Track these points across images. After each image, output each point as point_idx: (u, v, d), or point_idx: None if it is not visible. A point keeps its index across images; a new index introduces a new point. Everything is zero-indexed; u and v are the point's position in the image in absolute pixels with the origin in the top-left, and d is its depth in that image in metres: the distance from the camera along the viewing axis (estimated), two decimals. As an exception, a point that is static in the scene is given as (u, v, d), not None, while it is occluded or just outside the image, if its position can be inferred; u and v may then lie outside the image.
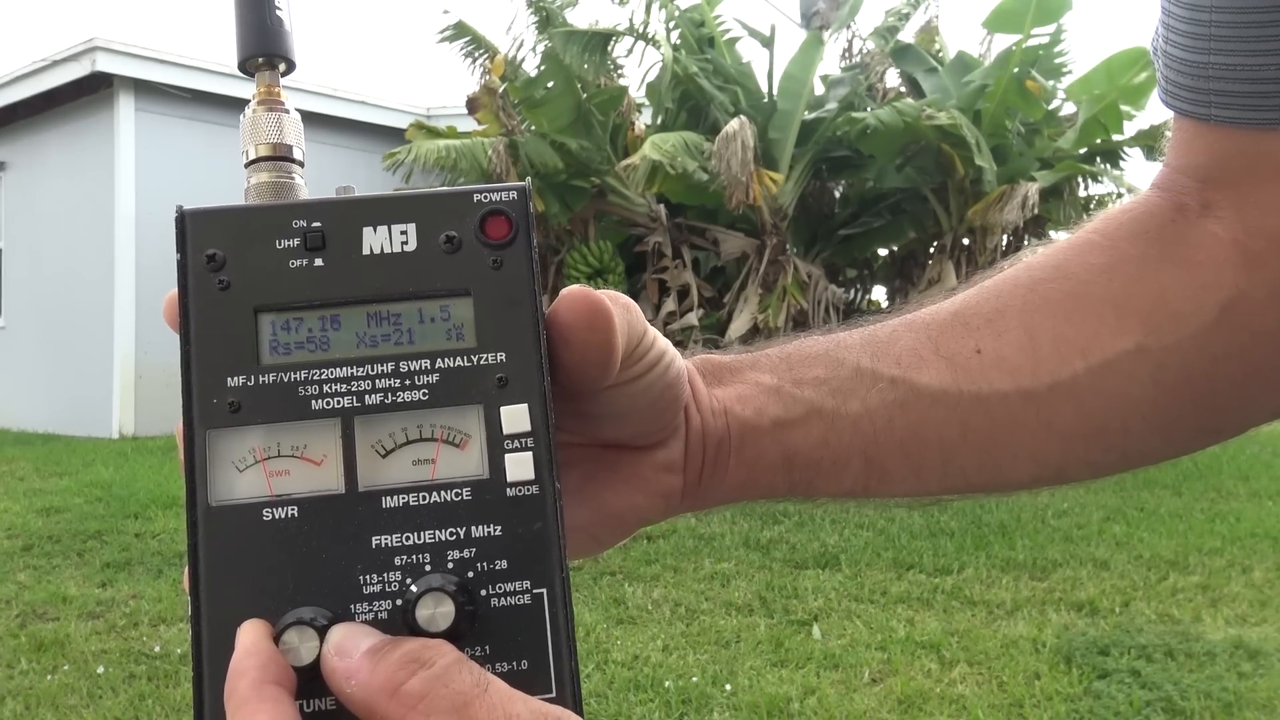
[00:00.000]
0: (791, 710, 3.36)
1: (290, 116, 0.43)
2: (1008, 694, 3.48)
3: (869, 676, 3.66)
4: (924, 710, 3.37)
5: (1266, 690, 3.44)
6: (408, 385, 0.38)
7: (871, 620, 4.27)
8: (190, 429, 0.37)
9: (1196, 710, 3.29)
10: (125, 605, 4.57)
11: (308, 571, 0.36)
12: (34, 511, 6.51)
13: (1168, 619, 4.24)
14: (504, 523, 0.37)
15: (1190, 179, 0.58)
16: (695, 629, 4.20)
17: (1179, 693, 3.40)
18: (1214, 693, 3.39)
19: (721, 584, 4.83)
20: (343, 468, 0.37)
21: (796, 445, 0.52)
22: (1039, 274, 0.58)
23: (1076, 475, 0.59)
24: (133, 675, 3.73)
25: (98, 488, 7.25)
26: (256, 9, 0.42)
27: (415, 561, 0.36)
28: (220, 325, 0.38)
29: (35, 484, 7.63)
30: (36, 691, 3.58)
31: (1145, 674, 3.57)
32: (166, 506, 6.57)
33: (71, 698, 3.53)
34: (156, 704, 3.48)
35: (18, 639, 4.11)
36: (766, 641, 4.02)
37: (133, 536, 5.83)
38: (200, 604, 0.36)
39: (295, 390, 0.37)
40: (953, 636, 4.04)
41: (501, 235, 0.39)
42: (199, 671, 0.35)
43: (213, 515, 0.36)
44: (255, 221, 0.39)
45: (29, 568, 5.23)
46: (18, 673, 3.77)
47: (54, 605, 4.58)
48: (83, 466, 8.38)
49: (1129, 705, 3.34)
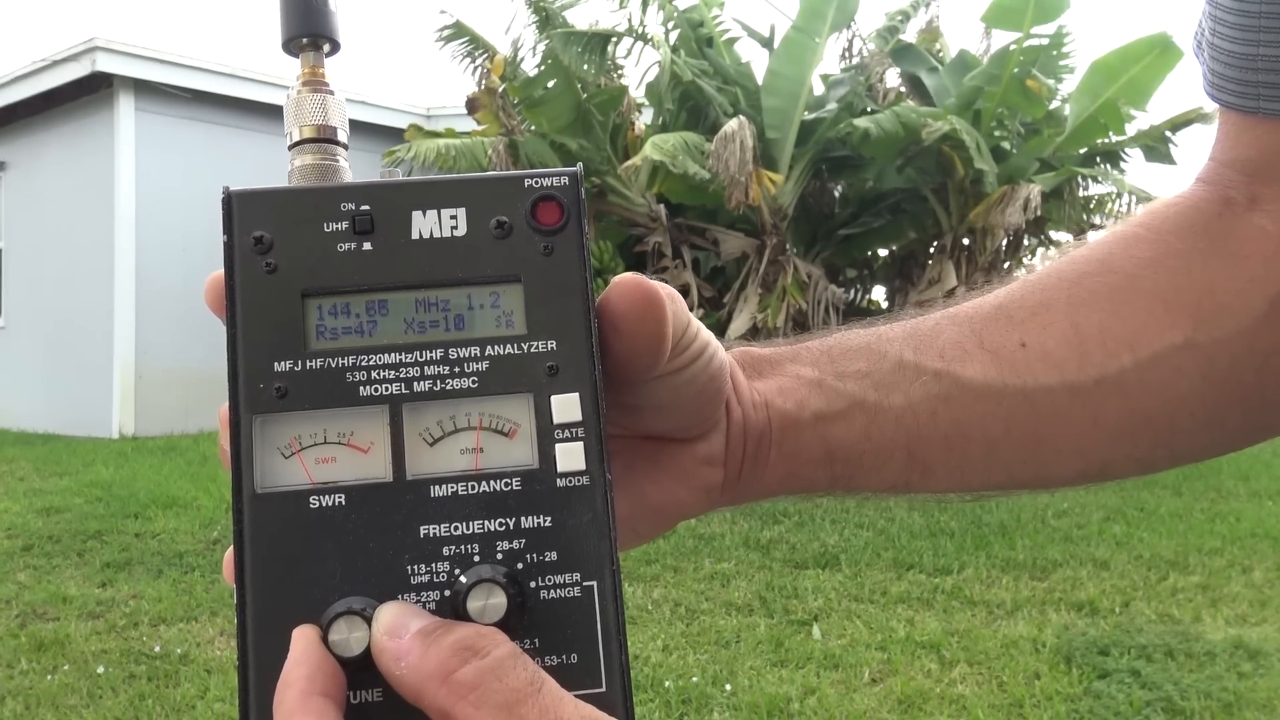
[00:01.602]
0: (791, 710, 3.36)
1: (335, 98, 0.42)
2: (1008, 694, 3.48)
3: (869, 676, 3.66)
4: (924, 710, 3.37)
5: (1266, 690, 3.44)
6: (457, 373, 0.37)
7: (871, 620, 4.27)
8: (236, 414, 0.36)
9: (1196, 710, 3.29)
10: (125, 605, 4.57)
11: (355, 560, 0.35)
12: (34, 511, 6.51)
13: (1168, 619, 4.24)
14: (554, 514, 0.36)
15: (1237, 173, 0.57)
16: (695, 629, 4.20)
17: (1179, 693, 3.40)
18: (1214, 693, 3.39)
19: (721, 584, 4.83)
20: (390, 455, 0.36)
21: (838, 439, 0.51)
22: (1084, 267, 0.57)
23: (1122, 472, 0.58)
24: (133, 675, 3.73)
25: (98, 488, 7.25)
26: None
27: (464, 552, 0.36)
28: (267, 309, 0.37)
29: (35, 484, 7.63)
30: (36, 691, 3.58)
31: (1145, 674, 3.57)
32: (166, 506, 6.58)
33: (71, 698, 3.53)
34: (156, 704, 3.48)
35: (18, 639, 4.11)
36: (766, 641, 4.02)
37: (133, 536, 5.83)
38: (245, 593, 0.35)
39: (343, 376, 0.37)
40: (953, 636, 4.04)
41: (553, 221, 0.38)
42: (244, 662, 0.35)
43: (259, 502, 0.36)
44: (303, 203, 0.38)
45: (29, 568, 5.23)
46: (18, 673, 3.77)
47: (54, 605, 4.58)
48: (83, 466, 8.38)
49: (1129, 705, 3.34)
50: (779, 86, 9.06)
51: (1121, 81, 9.10)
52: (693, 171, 8.26)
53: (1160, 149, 9.65)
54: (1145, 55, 9.07)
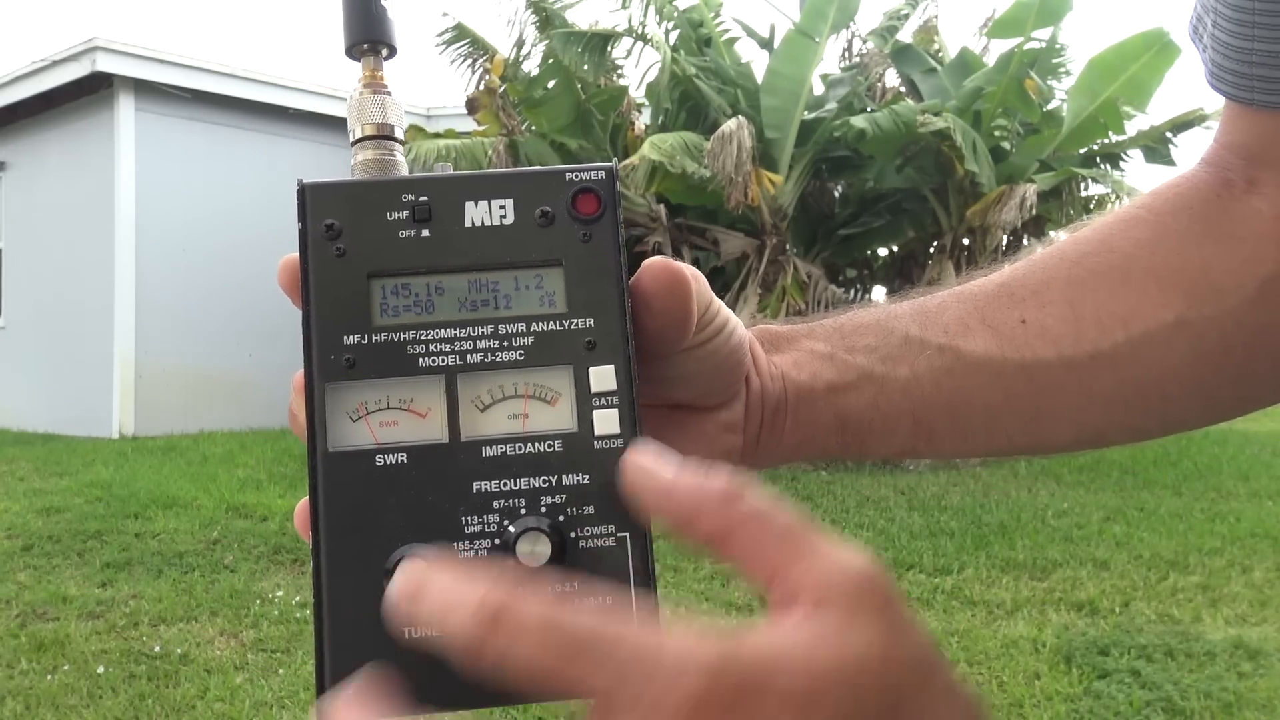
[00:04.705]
0: (791, 710, 3.36)
1: (392, 99, 0.46)
2: (1008, 694, 3.48)
3: (869, 676, 3.66)
4: (924, 710, 3.37)
5: (1266, 690, 3.44)
6: (505, 346, 0.41)
7: (871, 620, 4.27)
8: (310, 382, 0.40)
9: (1196, 710, 3.29)
10: (125, 605, 4.57)
11: (415, 512, 0.39)
12: (34, 511, 6.51)
13: (1168, 619, 4.24)
14: (591, 472, 0.40)
15: (1236, 156, 0.60)
16: (695, 629, 4.19)
17: (1179, 693, 3.40)
18: (1214, 693, 3.39)
19: (722, 584, 4.83)
20: (446, 420, 0.40)
21: (849, 408, 0.55)
22: (1085, 248, 0.60)
23: (1116, 439, 0.61)
24: (133, 675, 3.73)
25: (98, 488, 7.25)
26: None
27: (512, 505, 0.40)
28: (337, 289, 0.41)
29: (35, 484, 7.62)
30: (36, 691, 3.58)
31: (1145, 674, 3.57)
32: (166, 506, 6.57)
33: (71, 698, 3.53)
34: (156, 704, 3.48)
35: (18, 639, 4.11)
36: (766, 641, 4.01)
37: (133, 536, 5.83)
38: (320, 539, 0.39)
39: (404, 349, 0.41)
40: (953, 636, 4.04)
41: (591, 211, 0.42)
42: (319, 600, 0.38)
43: (331, 460, 0.40)
44: (369, 195, 0.42)
45: (29, 568, 5.23)
46: (18, 673, 3.77)
47: (54, 605, 4.58)
48: (83, 466, 8.37)
49: (1129, 705, 3.34)
50: (779, 86, 9.06)
51: (1121, 80, 9.10)
52: (691, 171, 8.25)
53: (1160, 150, 9.66)
54: (1143, 52, 9.08)
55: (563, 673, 0.31)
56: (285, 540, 5.73)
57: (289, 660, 3.91)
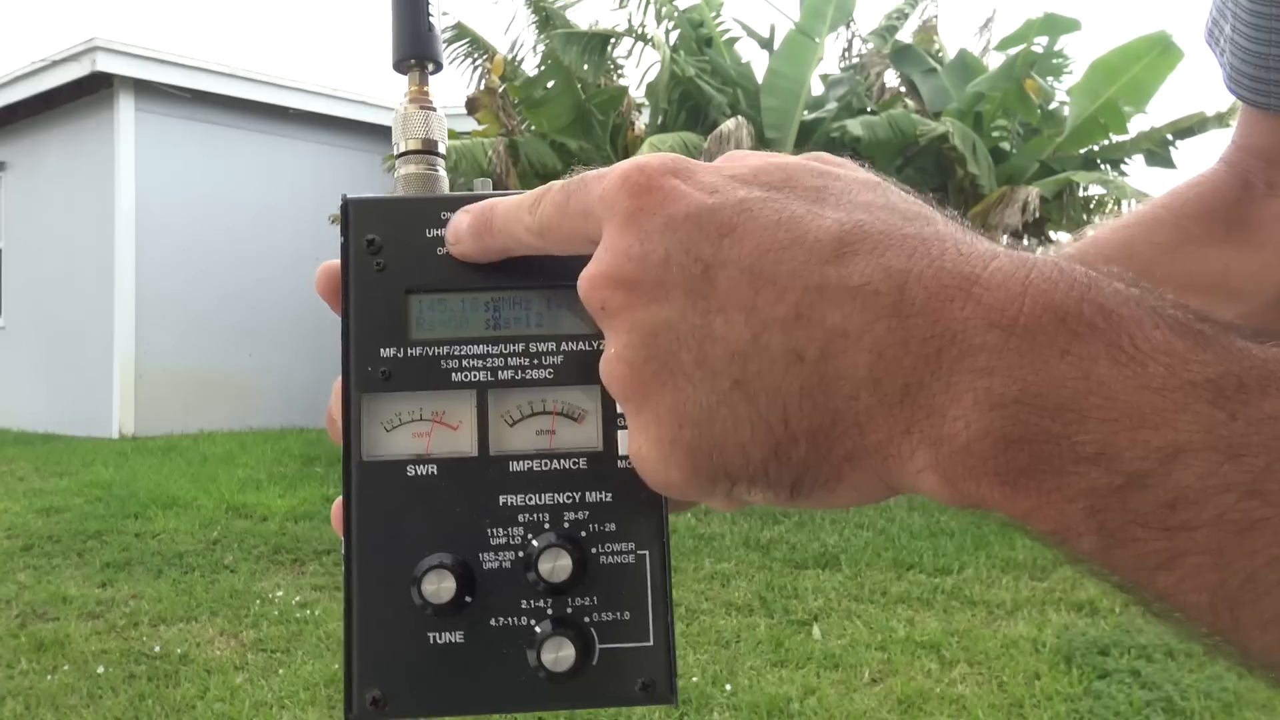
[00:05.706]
0: (791, 710, 3.37)
1: (436, 114, 0.47)
2: (1008, 694, 3.48)
3: (869, 676, 3.66)
4: (924, 710, 3.37)
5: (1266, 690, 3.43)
6: (535, 364, 0.42)
7: (871, 620, 4.27)
8: (348, 392, 0.41)
9: (1196, 710, 3.29)
10: (125, 605, 4.57)
11: (443, 521, 0.41)
12: (34, 511, 6.51)
13: (1168, 619, 4.24)
14: (614, 490, 0.41)
15: (1256, 159, 0.61)
16: (695, 629, 4.20)
17: (1179, 693, 3.40)
18: (1214, 693, 3.39)
19: (721, 584, 4.83)
20: (476, 433, 0.42)
21: None
22: (1107, 251, 0.61)
23: None
24: (133, 675, 3.73)
25: (98, 488, 7.25)
26: (413, 16, 0.47)
27: (536, 519, 0.41)
28: (376, 302, 0.42)
29: (35, 484, 7.62)
30: (36, 691, 3.58)
31: (1145, 674, 3.58)
32: (166, 506, 6.57)
33: (71, 698, 3.53)
34: (156, 704, 3.48)
35: (18, 639, 4.11)
36: (766, 641, 4.02)
37: (133, 536, 5.83)
38: (351, 543, 0.40)
39: (438, 363, 0.42)
40: (953, 636, 4.04)
41: None
42: (349, 600, 0.40)
43: (365, 469, 0.41)
44: (409, 212, 0.43)
45: (29, 568, 5.23)
46: (18, 673, 3.77)
47: (54, 605, 4.58)
48: (83, 466, 8.37)
49: (1129, 705, 3.34)
50: (779, 86, 9.06)
51: (1122, 81, 9.10)
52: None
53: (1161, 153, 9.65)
54: (1145, 55, 9.07)
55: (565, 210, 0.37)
56: (285, 540, 5.73)
57: (289, 660, 3.91)
